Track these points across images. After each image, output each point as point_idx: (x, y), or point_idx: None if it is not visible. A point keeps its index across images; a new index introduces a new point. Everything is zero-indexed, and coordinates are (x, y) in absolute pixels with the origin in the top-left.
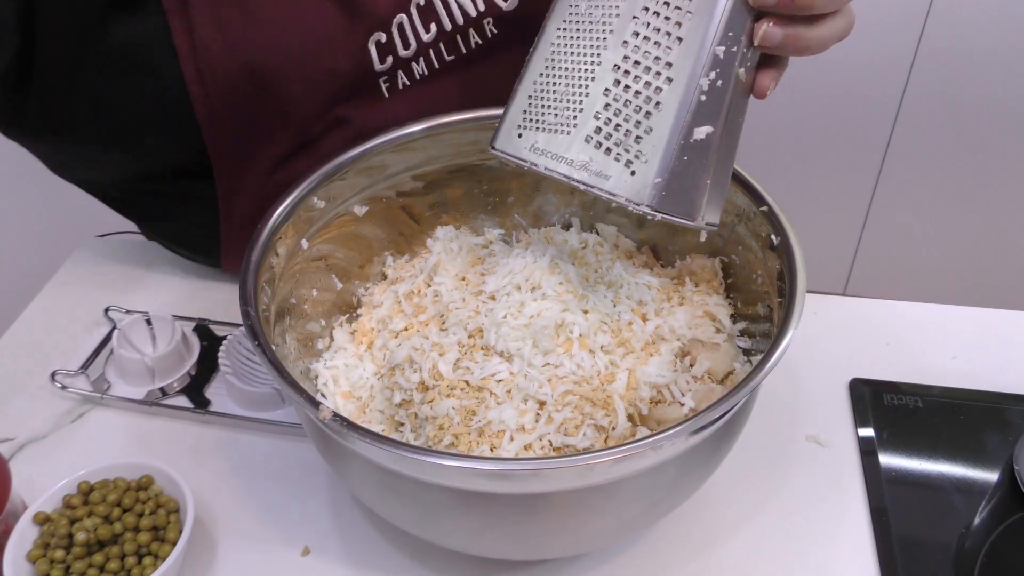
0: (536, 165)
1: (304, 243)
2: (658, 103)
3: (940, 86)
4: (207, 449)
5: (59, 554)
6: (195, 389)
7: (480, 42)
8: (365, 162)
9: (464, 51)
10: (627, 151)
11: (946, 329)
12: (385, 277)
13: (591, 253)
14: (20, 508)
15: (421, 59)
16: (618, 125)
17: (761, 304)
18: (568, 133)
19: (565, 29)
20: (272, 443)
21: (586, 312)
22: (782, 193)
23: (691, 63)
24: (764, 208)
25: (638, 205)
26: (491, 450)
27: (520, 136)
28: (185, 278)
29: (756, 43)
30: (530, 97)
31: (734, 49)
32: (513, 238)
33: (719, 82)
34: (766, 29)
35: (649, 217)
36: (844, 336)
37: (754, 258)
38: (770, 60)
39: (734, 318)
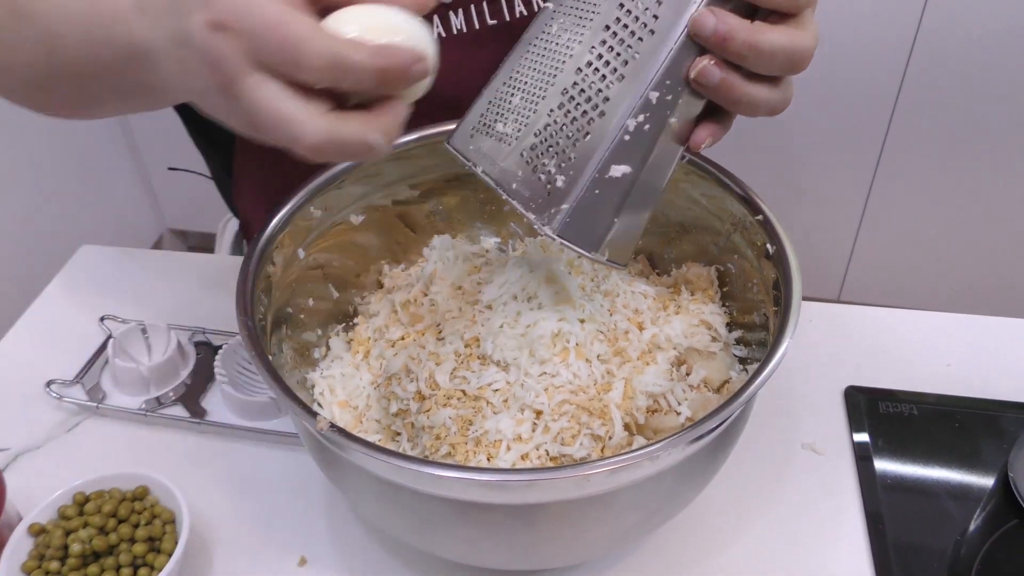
0: (475, 166)
1: (301, 252)
2: (587, 134)
3: (935, 92)
4: (203, 459)
5: (54, 565)
6: (191, 398)
7: (525, 13)
8: (362, 171)
9: (507, 18)
10: (549, 173)
11: (941, 337)
12: (381, 286)
13: (587, 262)
14: (15, 519)
15: (460, 11)
16: (550, 147)
17: (757, 313)
18: (510, 144)
19: (534, 46)
20: (268, 453)
21: (582, 321)
22: (777, 197)
23: (624, 102)
24: (759, 217)
25: (543, 226)
26: (488, 460)
27: (472, 136)
28: (181, 286)
29: (692, 76)
30: (490, 103)
31: (668, 97)
32: (510, 247)
33: (647, 126)
34: (705, 64)
35: (550, 240)
36: (839, 344)
37: (750, 267)
38: (713, 115)
39: (730, 327)
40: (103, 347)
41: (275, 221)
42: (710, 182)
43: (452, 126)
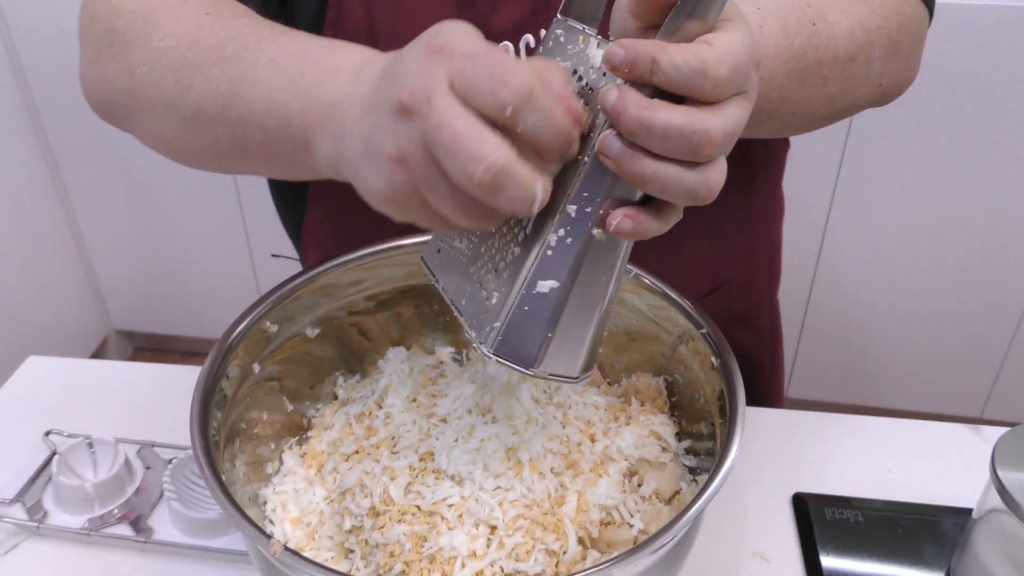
0: (437, 282)
1: (256, 367)
2: (517, 250)
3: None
4: None
5: None
6: (137, 516)
7: None
8: (316, 283)
9: None
10: (486, 291)
11: (881, 442)
12: (336, 397)
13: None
14: None
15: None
16: (490, 265)
17: (704, 422)
18: (463, 260)
19: None
20: (217, 572)
21: (535, 435)
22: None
23: (544, 218)
24: (704, 331)
25: (479, 345)
26: None
27: (438, 252)
28: (132, 399)
29: (595, 147)
30: None
31: (588, 210)
32: (464, 356)
33: (568, 239)
34: (607, 134)
35: (486, 359)
36: (785, 450)
37: (695, 378)
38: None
39: (679, 436)
40: (46, 463)
41: (231, 336)
42: (655, 294)
43: (407, 240)
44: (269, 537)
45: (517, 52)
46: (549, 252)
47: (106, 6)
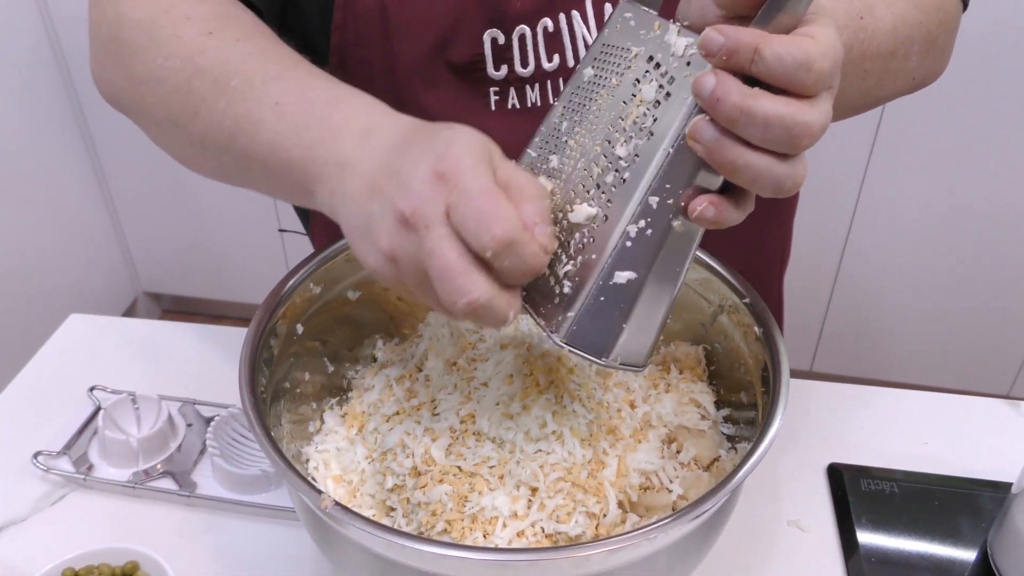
0: None
1: (299, 328)
2: (593, 239)
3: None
4: (192, 533)
5: None
6: (180, 471)
7: None
8: None
9: None
10: (558, 280)
11: (916, 415)
12: (375, 360)
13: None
14: None
15: (537, 86)
16: (560, 253)
17: (745, 392)
18: None
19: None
20: (259, 527)
21: (577, 400)
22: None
23: (623, 209)
24: (746, 300)
25: (551, 334)
26: (484, 537)
27: None
28: (171, 357)
29: (686, 131)
30: None
31: (670, 201)
32: None
33: (648, 231)
34: (699, 119)
35: (557, 347)
36: (820, 421)
37: (736, 347)
38: (731, 190)
39: (718, 404)
40: (91, 418)
41: (277, 297)
42: (697, 265)
43: None
44: (320, 492)
45: (535, 37)
46: (628, 243)
47: (114, 10)
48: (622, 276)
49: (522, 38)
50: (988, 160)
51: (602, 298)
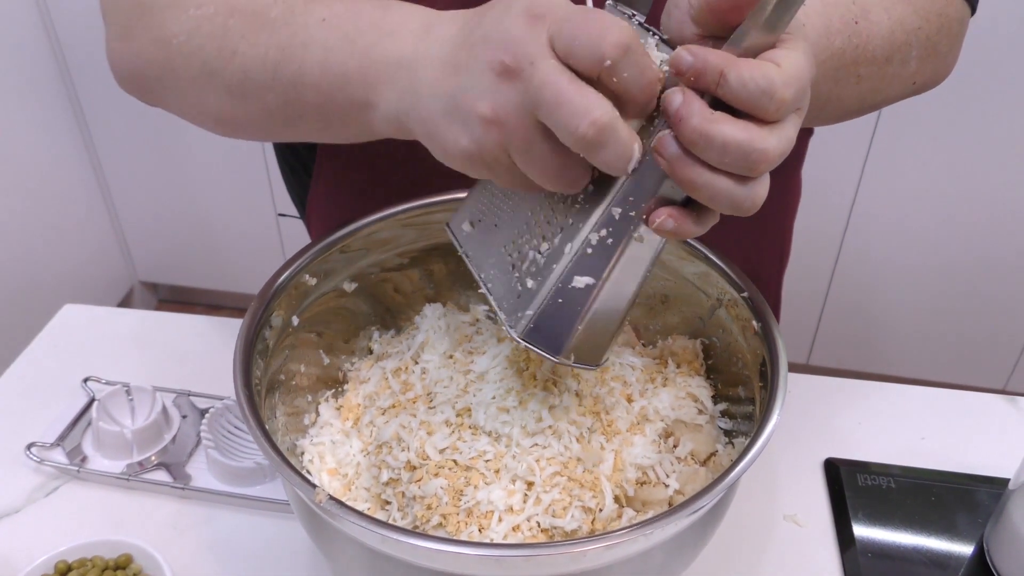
0: (466, 255)
1: (295, 319)
2: (556, 243)
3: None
4: (186, 525)
5: None
6: (174, 463)
7: None
8: (354, 238)
9: None
10: (519, 277)
11: (913, 410)
12: (371, 352)
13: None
14: None
15: None
16: (526, 251)
17: (742, 387)
18: (494, 239)
19: None
20: (253, 520)
21: (575, 394)
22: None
23: (587, 216)
24: (745, 294)
25: (509, 329)
26: (480, 531)
27: (468, 225)
28: (166, 348)
29: (652, 144)
30: (484, 192)
31: (632, 213)
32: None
33: (609, 240)
34: (665, 134)
35: (513, 341)
36: (816, 415)
37: (734, 342)
38: (693, 204)
39: (715, 399)
40: (85, 409)
41: (274, 287)
42: (694, 257)
43: (441, 198)
44: (314, 486)
45: None
46: (589, 250)
47: None
48: (580, 281)
49: None
50: (986, 155)
51: (560, 300)
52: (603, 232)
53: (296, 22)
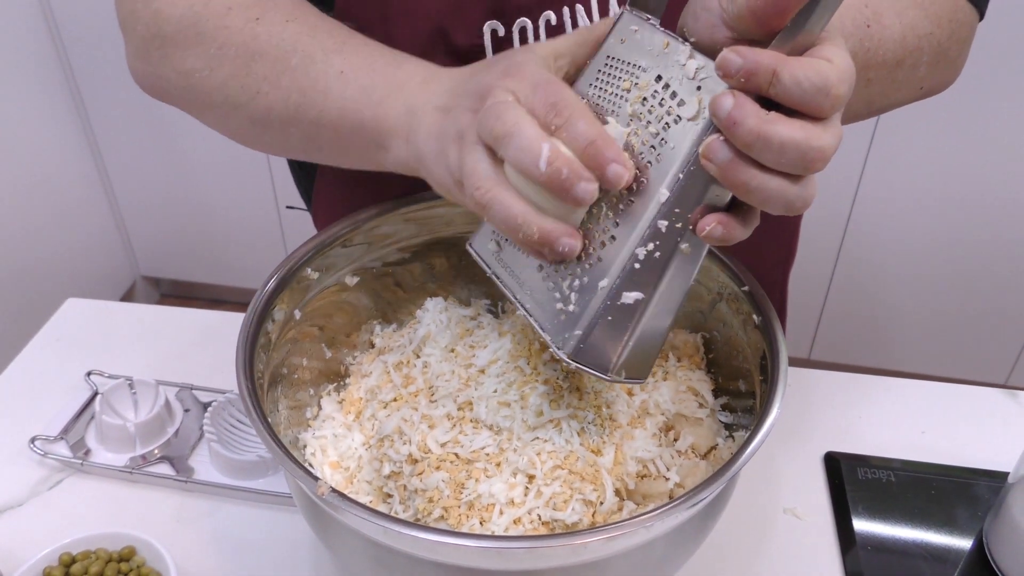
0: (496, 276)
1: (297, 313)
2: (600, 259)
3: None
4: (189, 518)
5: None
6: (177, 456)
7: None
8: (356, 232)
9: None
10: (563, 295)
11: (914, 404)
12: (373, 346)
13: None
14: None
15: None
16: (567, 271)
17: (743, 381)
18: (528, 258)
19: None
20: (256, 512)
21: (576, 389)
22: None
23: (631, 232)
24: (745, 288)
25: (557, 350)
26: (481, 524)
27: (494, 245)
28: (168, 342)
29: (700, 150)
30: None
31: (678, 225)
32: (499, 308)
33: (657, 253)
34: (713, 139)
35: (563, 362)
36: (817, 409)
37: (735, 336)
38: (737, 208)
39: (716, 393)
40: (89, 403)
41: (276, 281)
42: None
43: (429, 195)
44: (316, 479)
45: (536, 30)
46: (637, 265)
47: (148, 10)
48: (629, 297)
49: (523, 30)
50: (987, 151)
51: (609, 317)
52: (650, 246)
53: (316, 71)
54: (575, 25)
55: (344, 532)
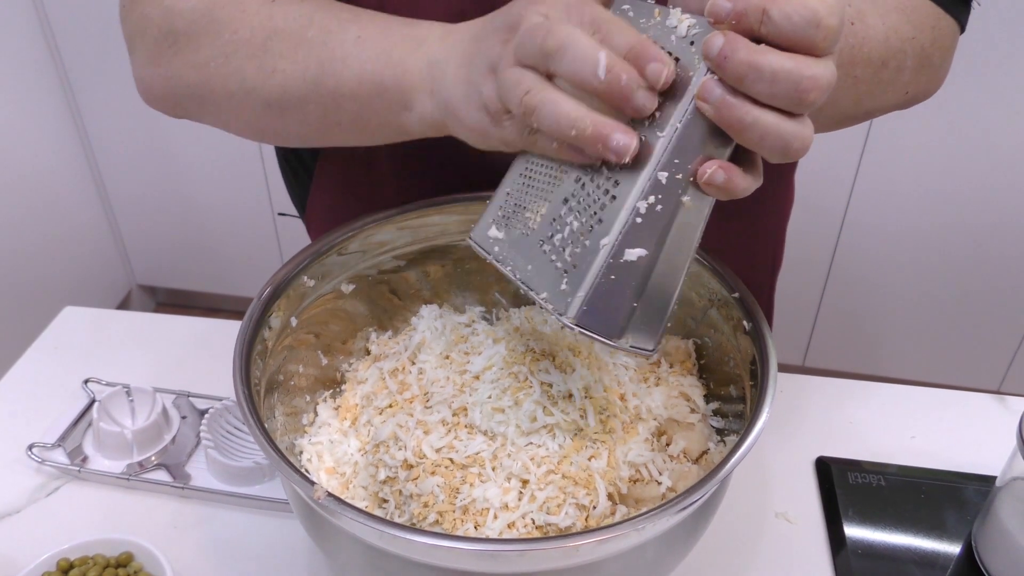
0: (495, 258)
1: (294, 320)
2: (600, 219)
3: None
4: (186, 524)
5: None
6: (174, 463)
7: None
8: (352, 240)
9: None
10: (564, 262)
11: (904, 409)
12: (368, 353)
13: (570, 333)
14: None
15: None
16: (564, 236)
17: (734, 386)
18: (527, 235)
19: None
20: (253, 519)
21: (567, 396)
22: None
23: (632, 185)
24: (736, 295)
25: (561, 316)
26: (475, 528)
27: (495, 230)
28: (166, 350)
29: (694, 92)
30: (508, 194)
31: (679, 176)
32: (493, 315)
33: (659, 207)
34: (707, 79)
35: (569, 330)
36: (808, 414)
37: (726, 341)
38: (742, 156)
39: (707, 398)
40: (86, 410)
41: (273, 288)
42: None
43: (424, 203)
44: (312, 483)
45: None
46: (638, 220)
47: (158, 8)
48: (632, 253)
49: None
50: (978, 159)
51: (613, 276)
52: (651, 199)
53: (333, 41)
54: None
55: (340, 536)
